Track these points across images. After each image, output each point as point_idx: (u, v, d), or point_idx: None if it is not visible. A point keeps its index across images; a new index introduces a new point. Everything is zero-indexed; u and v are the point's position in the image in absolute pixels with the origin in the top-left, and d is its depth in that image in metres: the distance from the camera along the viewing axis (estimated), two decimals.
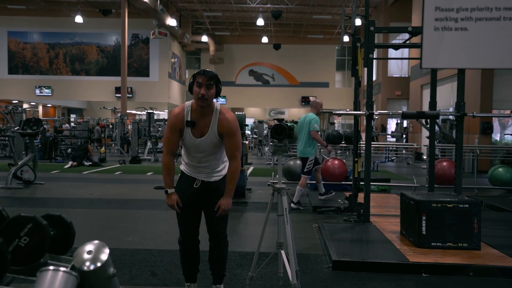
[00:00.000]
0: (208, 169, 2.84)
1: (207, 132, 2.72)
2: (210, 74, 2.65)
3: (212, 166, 2.84)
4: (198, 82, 2.63)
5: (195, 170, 2.84)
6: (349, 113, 6.78)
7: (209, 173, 2.84)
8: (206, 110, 2.71)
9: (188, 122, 2.71)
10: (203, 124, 2.73)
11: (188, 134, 2.74)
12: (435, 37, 4.50)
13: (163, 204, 6.71)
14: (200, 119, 2.72)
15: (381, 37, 20.92)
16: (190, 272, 2.98)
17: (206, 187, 2.83)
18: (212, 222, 2.87)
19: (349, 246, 4.37)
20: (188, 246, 2.92)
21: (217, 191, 2.83)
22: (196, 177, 2.83)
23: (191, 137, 2.74)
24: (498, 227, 5.22)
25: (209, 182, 2.83)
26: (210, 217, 2.88)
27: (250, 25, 27.19)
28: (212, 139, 2.74)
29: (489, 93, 12.41)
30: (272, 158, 8.33)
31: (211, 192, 2.84)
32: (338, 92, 29.85)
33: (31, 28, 25.76)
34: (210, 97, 2.66)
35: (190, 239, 2.91)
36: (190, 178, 2.85)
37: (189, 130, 2.72)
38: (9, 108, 14.00)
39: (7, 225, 1.48)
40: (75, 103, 30.64)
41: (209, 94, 2.64)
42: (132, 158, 13.96)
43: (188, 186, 2.84)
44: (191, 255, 2.94)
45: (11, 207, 6.33)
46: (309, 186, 8.50)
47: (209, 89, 2.64)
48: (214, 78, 2.66)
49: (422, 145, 12.06)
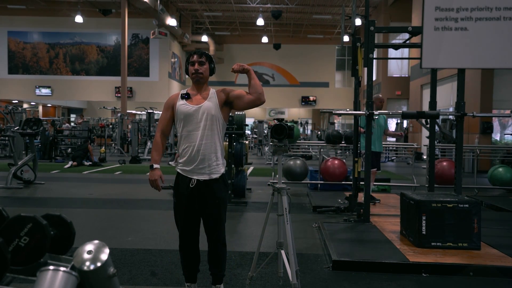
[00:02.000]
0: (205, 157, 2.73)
1: (203, 102, 2.77)
2: (200, 52, 2.82)
3: (209, 150, 2.74)
4: (191, 61, 2.80)
5: (190, 166, 2.75)
6: (349, 113, 6.78)
7: (205, 167, 2.73)
8: (202, 88, 2.82)
9: (183, 94, 2.81)
10: (199, 98, 2.80)
11: (183, 104, 2.77)
12: (435, 37, 4.50)
13: (163, 204, 6.75)
14: (196, 94, 2.82)
15: (381, 37, 20.92)
16: (190, 272, 2.96)
17: (202, 187, 2.74)
18: (210, 227, 2.83)
19: (349, 246, 4.37)
20: (187, 251, 2.89)
21: (214, 194, 2.76)
22: (191, 177, 2.75)
23: (187, 105, 2.76)
24: (498, 227, 5.22)
25: (205, 182, 2.74)
26: (208, 222, 2.82)
27: (250, 25, 27.19)
28: (210, 104, 2.75)
29: (489, 93, 12.41)
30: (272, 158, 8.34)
31: (208, 194, 2.76)
32: (338, 92, 29.85)
33: (31, 28, 25.76)
34: (205, 71, 2.80)
35: (189, 244, 2.87)
36: (185, 179, 2.77)
37: (184, 101, 2.78)
38: (9, 108, 14.00)
39: (7, 225, 1.48)
40: (75, 103, 30.65)
41: (202, 69, 2.78)
42: (132, 158, 13.96)
43: (184, 187, 2.77)
44: (190, 257, 2.91)
45: (11, 207, 6.33)
46: (309, 186, 8.51)
47: (202, 65, 2.78)
48: (205, 55, 2.82)
49: (422, 145, 12.06)
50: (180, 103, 2.78)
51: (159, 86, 25.66)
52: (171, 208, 2.89)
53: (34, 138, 8.74)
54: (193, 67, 2.78)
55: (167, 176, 3.64)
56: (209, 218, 2.81)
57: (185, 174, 2.79)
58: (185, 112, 2.75)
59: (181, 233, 2.86)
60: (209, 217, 2.80)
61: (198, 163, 2.74)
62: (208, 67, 2.81)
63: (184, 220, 2.82)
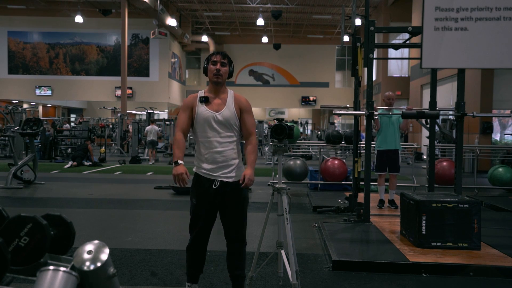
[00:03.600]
0: (227, 163, 2.76)
1: (222, 108, 2.78)
2: (224, 53, 2.85)
3: (229, 156, 2.77)
4: (213, 61, 2.80)
5: (212, 167, 2.76)
6: (349, 113, 6.77)
7: (227, 169, 2.76)
8: (220, 89, 2.82)
9: (201, 97, 2.80)
10: (218, 102, 2.80)
11: (203, 108, 2.77)
12: (435, 37, 4.49)
13: (163, 204, 6.75)
14: (215, 97, 2.81)
15: (381, 37, 20.92)
16: (195, 272, 2.93)
17: (224, 188, 2.76)
18: (233, 227, 2.82)
19: (349, 246, 4.37)
20: (197, 251, 2.87)
21: (236, 192, 2.77)
22: (214, 178, 2.75)
23: (207, 110, 2.76)
24: (498, 227, 5.22)
25: (228, 183, 2.76)
26: (230, 223, 2.82)
27: (250, 25, 27.19)
28: (228, 113, 2.76)
29: (489, 93, 12.41)
30: (272, 158, 8.34)
31: (230, 194, 2.77)
32: (338, 92, 29.85)
33: (31, 28, 25.77)
34: (224, 74, 2.81)
35: (200, 245, 2.86)
36: (207, 180, 2.76)
37: (203, 105, 2.78)
38: (9, 108, 14.01)
39: (7, 225, 1.48)
40: (75, 103, 30.65)
41: (223, 70, 2.79)
42: (132, 158, 13.96)
43: (206, 189, 2.76)
44: (198, 258, 2.89)
45: (11, 207, 6.33)
46: (309, 186, 8.51)
47: (223, 66, 2.80)
48: (228, 57, 2.85)
49: (422, 145, 12.06)
50: (200, 107, 2.78)
51: (159, 86, 25.66)
52: (171, 208, 2.90)
53: (34, 138, 8.74)
54: (214, 67, 2.78)
55: (170, 177, 3.64)
56: (233, 219, 2.81)
57: (206, 175, 2.77)
58: (205, 117, 2.76)
59: (197, 234, 2.83)
60: (232, 218, 2.80)
61: (220, 166, 2.76)
62: (228, 69, 2.83)
63: (204, 221, 2.80)
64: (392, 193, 6.27)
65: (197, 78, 31.25)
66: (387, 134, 6.04)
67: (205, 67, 2.86)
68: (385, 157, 6.08)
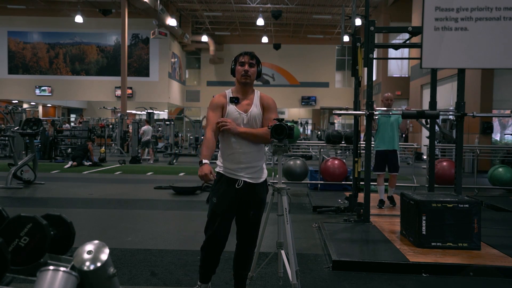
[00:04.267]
0: (251, 164, 2.75)
1: (250, 109, 2.77)
2: (252, 54, 2.81)
3: (254, 158, 2.77)
4: (241, 62, 2.79)
5: (236, 167, 2.75)
6: (349, 113, 6.77)
7: (251, 170, 2.76)
8: (248, 89, 2.82)
9: (232, 98, 2.79)
10: (246, 103, 2.79)
11: (233, 109, 2.76)
12: (435, 37, 4.49)
13: (163, 204, 6.75)
14: (243, 98, 2.81)
15: (381, 37, 20.92)
16: (209, 272, 2.91)
17: (248, 189, 2.75)
18: (248, 230, 2.82)
19: (349, 246, 4.37)
20: (213, 252, 2.84)
21: (260, 195, 2.78)
22: (237, 178, 2.75)
23: (236, 111, 2.75)
24: (498, 227, 5.22)
25: (252, 184, 2.75)
26: (247, 225, 2.82)
27: (250, 25, 27.19)
28: (256, 114, 2.76)
29: (489, 93, 12.41)
30: (272, 158, 8.34)
31: (253, 196, 2.77)
32: (338, 92, 29.86)
33: (31, 28, 25.77)
34: (253, 74, 2.80)
35: (217, 246, 2.83)
36: (230, 180, 2.76)
37: (233, 106, 2.77)
38: (9, 108, 14.01)
39: (7, 225, 1.48)
40: (75, 103, 30.66)
41: (251, 71, 2.78)
42: (132, 158, 13.97)
43: (229, 188, 2.75)
44: (213, 259, 2.87)
45: (11, 207, 6.33)
46: (309, 186, 8.51)
47: (251, 67, 2.78)
48: (256, 58, 2.82)
49: (422, 145, 12.06)
50: (231, 107, 2.77)
51: (159, 86, 25.66)
52: (171, 208, 2.90)
53: (34, 138, 8.74)
54: (243, 68, 2.77)
55: (170, 177, 3.64)
56: (249, 220, 2.81)
57: (229, 175, 2.76)
58: (234, 117, 2.75)
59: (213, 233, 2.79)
60: (248, 220, 2.81)
61: (247, 167, 2.75)
62: (256, 70, 2.81)
63: (223, 220, 2.77)
64: (392, 191, 6.37)
65: (197, 78, 31.24)
66: (385, 134, 6.09)
67: (232, 68, 2.85)
68: (383, 157, 6.12)
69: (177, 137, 17.76)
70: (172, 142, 15.78)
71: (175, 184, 8.05)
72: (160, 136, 18.87)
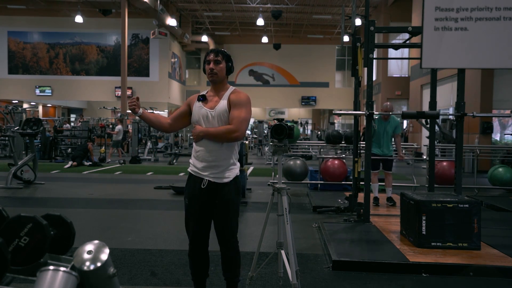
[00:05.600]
0: (216, 163, 2.66)
1: (217, 105, 2.72)
2: (217, 51, 2.77)
3: (220, 157, 2.66)
4: (207, 60, 2.77)
5: (201, 166, 2.68)
6: (349, 113, 6.77)
7: (216, 169, 2.66)
8: (219, 87, 2.78)
9: (199, 96, 2.79)
10: (215, 99, 2.75)
11: (198, 106, 2.75)
12: (435, 37, 4.49)
13: (163, 204, 6.75)
14: (214, 95, 2.78)
15: (381, 37, 20.92)
16: (199, 278, 2.85)
17: (214, 190, 2.67)
18: (220, 232, 2.73)
19: (349, 246, 4.37)
20: (196, 256, 2.80)
21: (225, 195, 2.67)
22: (203, 177, 2.67)
23: (202, 107, 2.74)
24: (498, 227, 5.22)
25: (217, 184, 2.66)
26: (218, 227, 2.73)
27: (250, 25, 27.19)
28: (221, 111, 2.67)
29: (489, 93, 12.42)
30: (272, 158, 8.34)
31: (219, 196, 2.67)
32: (338, 92, 29.86)
33: (31, 28, 25.77)
34: (219, 71, 2.73)
35: (199, 249, 2.79)
36: (197, 179, 2.69)
37: (199, 104, 2.76)
38: (9, 108, 14.00)
39: (7, 225, 1.48)
40: (75, 103, 30.66)
41: (217, 68, 2.73)
42: (132, 158, 13.97)
43: (195, 188, 2.70)
44: (199, 263, 2.82)
45: (11, 207, 6.33)
46: (309, 186, 8.51)
47: (217, 64, 2.73)
48: (222, 53, 2.76)
49: (422, 145, 12.06)
50: (196, 105, 2.76)
51: (159, 86, 25.66)
52: (171, 208, 2.90)
53: (34, 138, 8.74)
54: (208, 66, 2.74)
55: (168, 177, 3.63)
56: (220, 220, 2.72)
57: (196, 174, 2.72)
58: (199, 114, 2.72)
59: (193, 237, 2.77)
60: (219, 219, 2.72)
61: (211, 165, 2.67)
62: (225, 66, 2.74)
63: (197, 223, 2.74)
64: (389, 190, 6.42)
65: (197, 78, 31.26)
66: (380, 141, 6.31)
67: (203, 68, 2.84)
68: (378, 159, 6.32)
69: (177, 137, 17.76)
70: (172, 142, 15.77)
71: (175, 184, 8.05)
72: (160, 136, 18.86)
